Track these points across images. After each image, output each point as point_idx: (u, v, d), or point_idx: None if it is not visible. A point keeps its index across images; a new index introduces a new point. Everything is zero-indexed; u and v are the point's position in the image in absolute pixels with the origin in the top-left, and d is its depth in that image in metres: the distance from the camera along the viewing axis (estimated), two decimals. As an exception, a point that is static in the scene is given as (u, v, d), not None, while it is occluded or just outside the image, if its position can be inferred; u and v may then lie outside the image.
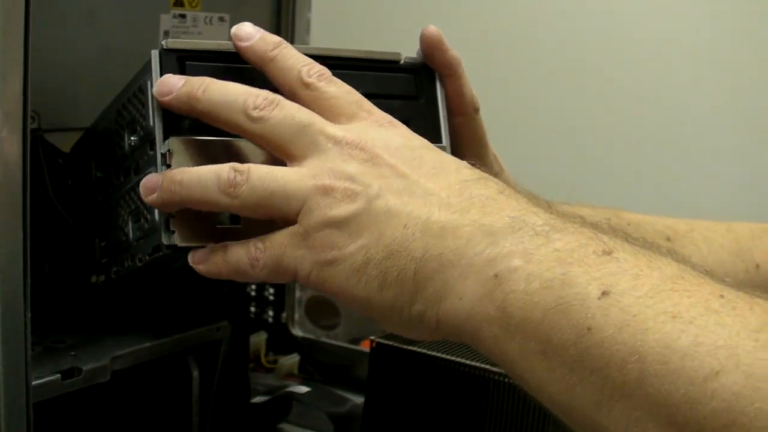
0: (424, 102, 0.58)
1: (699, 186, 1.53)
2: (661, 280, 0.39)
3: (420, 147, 0.48)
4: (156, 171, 0.50)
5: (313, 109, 0.49)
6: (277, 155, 0.48)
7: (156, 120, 0.50)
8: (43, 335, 0.60)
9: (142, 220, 0.54)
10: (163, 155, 0.50)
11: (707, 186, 1.52)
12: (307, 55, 0.54)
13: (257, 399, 0.82)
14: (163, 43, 0.51)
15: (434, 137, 0.58)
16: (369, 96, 0.56)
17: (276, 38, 0.51)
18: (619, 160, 1.59)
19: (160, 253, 0.52)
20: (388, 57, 0.58)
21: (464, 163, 0.49)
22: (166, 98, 0.49)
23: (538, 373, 0.41)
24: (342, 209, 0.45)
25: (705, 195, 1.51)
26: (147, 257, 0.54)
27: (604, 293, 0.39)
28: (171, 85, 0.49)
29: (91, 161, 0.63)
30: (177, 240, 0.50)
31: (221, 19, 0.76)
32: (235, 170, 0.47)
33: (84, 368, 0.57)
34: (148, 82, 0.51)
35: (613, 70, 1.57)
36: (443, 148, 0.57)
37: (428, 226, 0.44)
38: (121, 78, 0.57)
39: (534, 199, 0.47)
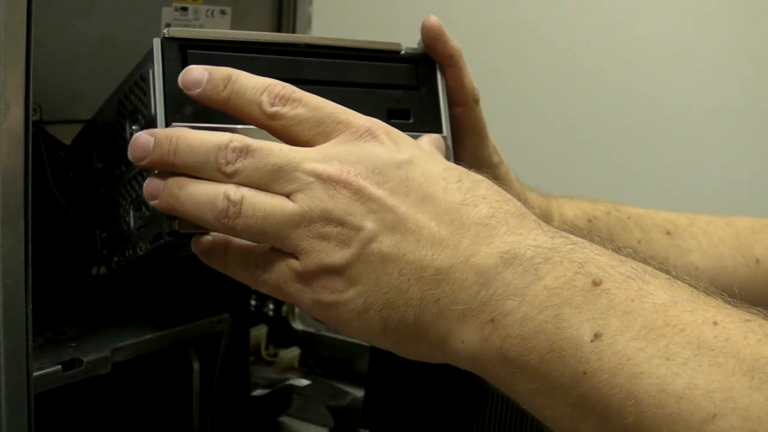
0: (424, 92, 0.58)
1: (699, 182, 1.53)
2: (653, 311, 0.39)
3: (404, 163, 0.47)
4: None
5: (286, 139, 0.48)
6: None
7: (157, 107, 0.50)
8: (44, 327, 0.60)
9: (144, 208, 0.54)
10: None
11: (707, 182, 1.52)
12: (308, 44, 0.55)
13: (258, 392, 0.82)
14: (164, 31, 0.51)
15: (435, 127, 0.58)
16: (370, 86, 0.56)
17: (224, 73, 0.49)
18: (620, 154, 1.59)
19: (162, 241, 0.52)
20: (388, 47, 0.58)
21: (450, 171, 0.48)
22: (143, 162, 0.49)
23: (544, 409, 0.42)
24: (337, 256, 0.45)
25: (705, 190, 1.51)
26: (148, 246, 0.54)
27: (597, 335, 0.39)
28: (144, 145, 0.49)
29: (92, 153, 0.63)
30: (178, 227, 0.50)
31: (222, 11, 0.76)
32: (228, 199, 0.46)
33: (85, 360, 0.57)
34: (150, 71, 0.51)
35: (614, 66, 1.57)
36: (444, 138, 0.58)
37: (423, 272, 0.44)
38: (122, 70, 0.57)
39: (522, 215, 0.46)
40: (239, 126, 0.50)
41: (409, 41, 0.59)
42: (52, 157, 0.66)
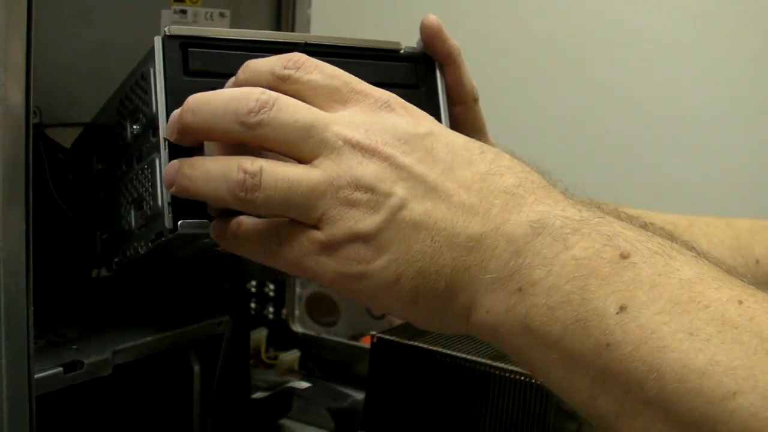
0: (424, 91, 0.59)
1: (698, 183, 1.53)
2: (678, 287, 0.39)
3: (427, 135, 0.46)
4: (159, 157, 0.51)
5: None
6: (286, 156, 0.46)
7: (159, 106, 0.50)
8: (45, 329, 0.60)
9: (145, 207, 0.54)
10: (166, 140, 0.50)
11: (706, 183, 1.52)
12: (308, 43, 0.55)
13: (258, 395, 0.82)
14: (165, 29, 0.51)
15: None
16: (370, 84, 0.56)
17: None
18: (618, 156, 1.59)
19: (163, 239, 0.52)
20: (388, 46, 0.58)
21: (471, 143, 0.47)
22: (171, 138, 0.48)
23: (563, 382, 0.42)
24: (367, 223, 0.44)
25: (704, 192, 1.51)
26: (150, 244, 0.54)
27: (622, 308, 0.39)
28: (171, 126, 0.48)
29: (92, 155, 0.64)
30: (180, 225, 0.50)
31: (222, 14, 0.76)
32: (245, 171, 0.44)
33: (86, 362, 0.57)
34: (151, 69, 0.51)
35: (613, 67, 1.57)
36: None
37: (454, 239, 0.44)
38: (121, 73, 0.58)
39: (548, 186, 0.46)
40: None
41: (408, 43, 0.60)
42: (52, 160, 0.66)
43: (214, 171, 0.46)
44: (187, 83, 0.51)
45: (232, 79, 0.49)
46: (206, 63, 0.52)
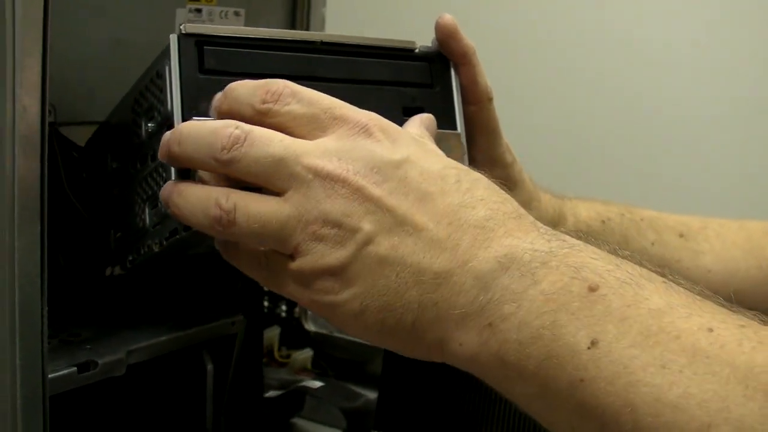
0: (439, 90, 0.59)
1: (708, 186, 1.52)
2: (648, 317, 0.39)
3: (402, 162, 0.46)
4: None
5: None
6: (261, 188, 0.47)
7: (174, 103, 0.50)
8: (58, 328, 0.60)
9: (159, 205, 0.54)
10: None
11: (713, 186, 1.52)
12: (323, 42, 0.55)
13: (270, 393, 0.82)
14: (181, 27, 0.51)
15: (449, 124, 0.59)
16: (385, 83, 0.56)
17: (218, 94, 0.49)
18: (629, 158, 1.59)
19: (178, 236, 0.52)
20: (403, 45, 0.58)
21: (448, 170, 0.47)
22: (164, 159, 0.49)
23: (543, 413, 0.42)
24: (333, 257, 0.44)
25: (715, 194, 1.51)
26: (164, 242, 0.54)
27: (593, 342, 0.39)
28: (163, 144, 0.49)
29: (107, 153, 0.64)
30: None
31: (236, 13, 0.76)
32: (221, 208, 0.45)
33: (100, 361, 0.57)
34: (166, 67, 0.51)
35: (624, 69, 1.57)
36: (458, 135, 0.58)
37: (420, 275, 0.43)
38: (136, 72, 0.57)
39: (520, 217, 0.46)
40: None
41: (423, 42, 0.60)
42: (66, 159, 0.66)
43: (196, 204, 0.47)
44: (202, 81, 0.51)
45: (216, 104, 0.49)
46: (221, 61, 0.52)
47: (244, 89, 0.48)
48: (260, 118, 0.47)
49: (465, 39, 0.59)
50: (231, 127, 0.46)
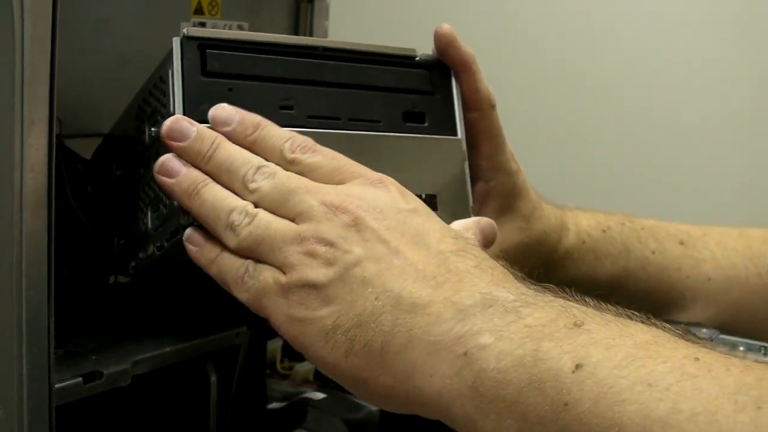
0: (439, 97, 0.59)
1: (706, 189, 1.53)
2: (634, 347, 0.39)
3: (406, 210, 0.48)
4: None
5: None
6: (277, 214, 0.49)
7: (176, 105, 0.51)
8: (64, 339, 0.60)
9: (161, 207, 0.55)
10: None
11: (714, 189, 1.52)
12: (325, 48, 0.56)
13: (273, 405, 0.82)
14: (184, 30, 0.52)
15: (449, 131, 0.60)
16: (386, 89, 0.57)
17: (254, 120, 0.51)
18: (628, 167, 1.59)
19: (179, 236, 0.53)
20: (404, 52, 0.60)
21: (449, 229, 0.49)
22: (177, 144, 0.50)
23: None
24: (319, 273, 0.46)
25: (713, 199, 1.51)
26: (165, 243, 0.55)
27: (578, 366, 0.39)
28: (184, 131, 0.50)
29: (111, 162, 0.64)
30: (194, 219, 0.51)
31: (240, 26, 0.77)
32: (247, 214, 0.49)
33: (105, 372, 0.57)
34: (170, 71, 0.52)
35: (625, 79, 1.57)
36: (458, 141, 0.59)
37: (400, 300, 0.44)
38: (141, 84, 0.58)
39: (508, 273, 0.46)
40: None
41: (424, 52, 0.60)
42: (70, 170, 0.67)
43: (222, 202, 0.50)
44: (204, 84, 0.52)
45: (250, 140, 0.51)
46: (224, 64, 0.53)
47: (273, 133, 0.51)
48: (286, 165, 0.50)
49: (464, 47, 0.60)
50: (266, 165, 0.50)
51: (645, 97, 1.56)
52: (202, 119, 0.51)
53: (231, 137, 0.51)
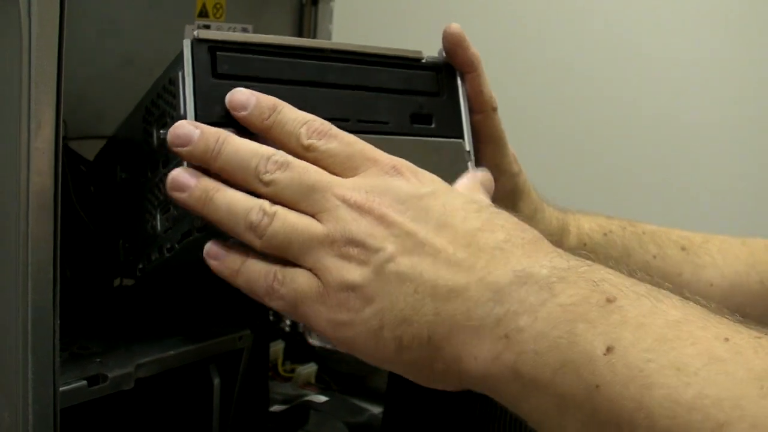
0: (445, 99, 0.60)
1: (709, 193, 1.53)
2: (665, 327, 0.40)
3: (426, 195, 0.48)
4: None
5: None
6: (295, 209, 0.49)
7: (188, 107, 0.51)
8: (68, 341, 0.60)
9: (171, 209, 0.55)
10: None
11: (713, 194, 1.52)
12: (333, 50, 0.56)
13: (275, 408, 0.82)
14: (195, 33, 0.52)
15: (456, 133, 0.60)
16: (393, 91, 0.57)
17: (270, 102, 0.51)
18: (633, 168, 1.59)
19: (191, 238, 0.52)
20: (410, 54, 0.60)
21: (471, 202, 0.49)
22: (182, 149, 0.50)
23: (556, 426, 0.42)
24: (356, 274, 0.46)
25: (713, 203, 1.51)
26: (176, 245, 0.55)
27: (609, 349, 0.40)
28: (188, 134, 0.50)
29: (116, 165, 0.64)
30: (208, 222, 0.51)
31: (244, 29, 0.77)
32: (264, 212, 0.48)
33: (109, 375, 0.57)
34: (180, 73, 0.52)
35: (628, 84, 1.57)
36: (464, 143, 0.60)
37: (437, 290, 0.45)
38: (146, 87, 0.58)
39: (538, 241, 0.47)
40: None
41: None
42: (74, 173, 0.67)
43: (237, 204, 0.49)
44: (215, 85, 0.52)
45: (267, 124, 0.51)
46: (234, 66, 0.53)
47: (290, 117, 0.51)
48: (303, 151, 0.50)
49: (472, 48, 0.60)
50: (276, 154, 0.49)
51: (647, 99, 1.56)
52: (213, 121, 0.51)
53: (248, 122, 0.50)
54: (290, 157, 0.49)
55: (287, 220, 0.48)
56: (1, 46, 0.47)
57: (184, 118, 0.51)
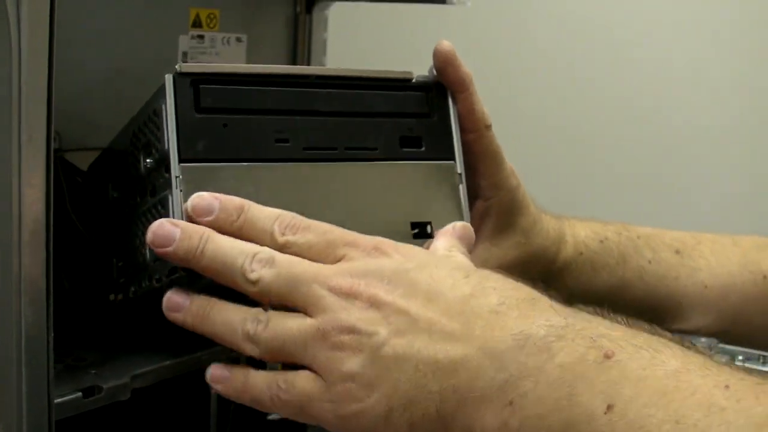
0: (436, 119, 0.58)
1: (706, 196, 1.53)
2: (664, 378, 0.40)
3: (412, 269, 0.48)
4: (171, 194, 0.51)
5: None
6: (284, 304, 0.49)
7: (170, 143, 0.51)
8: (63, 353, 0.60)
9: None
10: (178, 178, 0.50)
11: (714, 196, 1.52)
12: (318, 76, 0.55)
13: (273, 416, 0.82)
14: (177, 67, 0.52)
15: (447, 154, 0.59)
16: (382, 115, 0.57)
17: (236, 203, 0.50)
18: (630, 172, 1.59)
19: (177, 275, 0.52)
20: (400, 76, 0.58)
21: (458, 269, 0.49)
22: (164, 250, 0.49)
23: None
24: (353, 362, 0.46)
25: (712, 205, 1.51)
26: (165, 278, 0.54)
27: (609, 407, 0.40)
28: (167, 235, 0.49)
29: (108, 182, 0.64)
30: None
31: (238, 39, 0.77)
32: (258, 321, 0.48)
33: (105, 386, 0.57)
34: (163, 106, 0.51)
35: (627, 88, 1.57)
36: (455, 165, 0.59)
37: (438, 364, 0.45)
38: (139, 98, 0.58)
39: (534, 300, 0.47)
40: (258, 167, 0.52)
41: (426, 65, 0.60)
42: (70, 184, 0.67)
43: (233, 317, 0.50)
44: (198, 120, 0.51)
45: (237, 225, 0.50)
46: (217, 99, 0.52)
47: (260, 216, 0.50)
48: (279, 248, 0.50)
49: (463, 66, 0.59)
50: (260, 252, 0.49)
51: (646, 104, 1.56)
52: (198, 158, 0.51)
53: (216, 226, 0.50)
54: (275, 253, 0.49)
55: (279, 323, 0.48)
56: (-9, 59, 0.47)
57: (168, 154, 0.51)
